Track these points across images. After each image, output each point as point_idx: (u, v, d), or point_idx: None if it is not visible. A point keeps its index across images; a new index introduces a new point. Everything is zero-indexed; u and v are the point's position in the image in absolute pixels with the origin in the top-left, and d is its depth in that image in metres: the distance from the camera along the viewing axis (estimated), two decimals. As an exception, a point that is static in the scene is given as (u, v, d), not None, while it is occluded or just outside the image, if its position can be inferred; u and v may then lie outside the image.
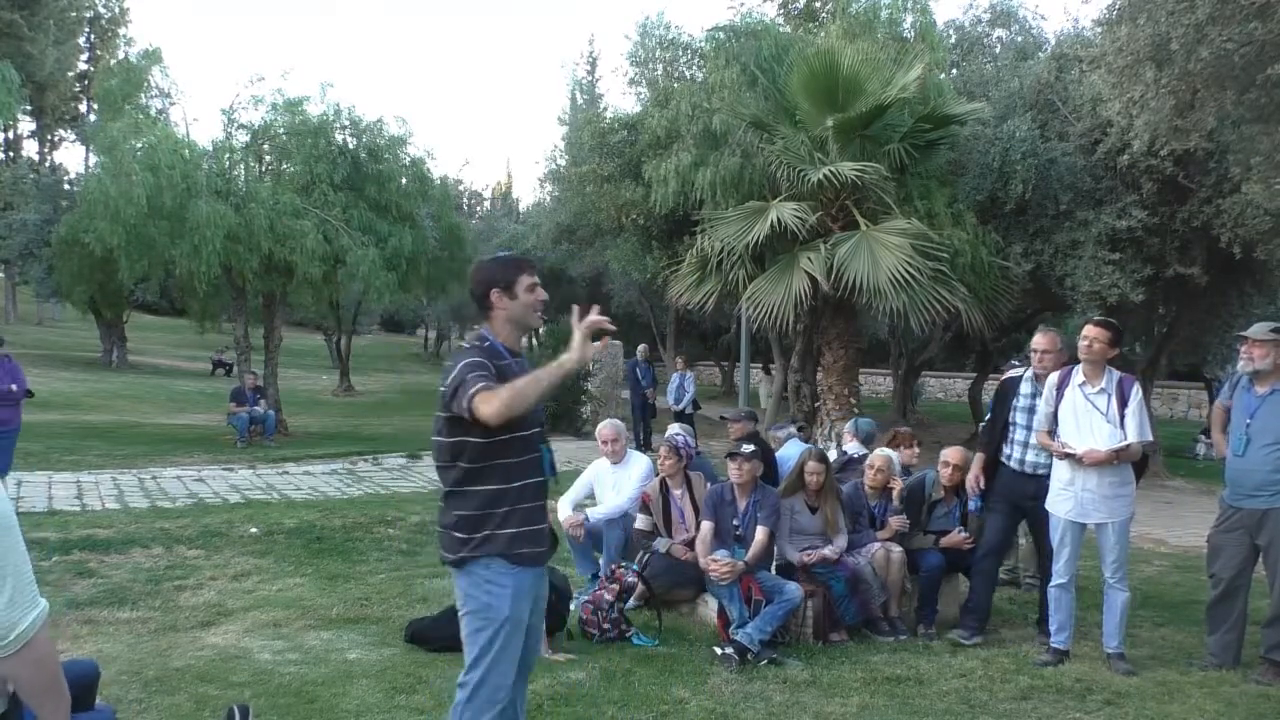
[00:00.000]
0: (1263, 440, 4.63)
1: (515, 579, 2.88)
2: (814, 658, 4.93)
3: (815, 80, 10.83)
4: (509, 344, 3.01)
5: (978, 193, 12.08)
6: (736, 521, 5.28)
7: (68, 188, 29.09)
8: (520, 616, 2.90)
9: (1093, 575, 5.59)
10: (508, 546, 2.88)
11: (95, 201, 13.71)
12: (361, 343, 37.46)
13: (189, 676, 4.44)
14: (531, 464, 2.97)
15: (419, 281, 17.78)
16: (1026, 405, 5.22)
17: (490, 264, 3.07)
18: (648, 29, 15.56)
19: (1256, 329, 4.78)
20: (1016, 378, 5.42)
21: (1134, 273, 11.53)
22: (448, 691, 4.25)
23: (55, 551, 6.87)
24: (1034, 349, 5.26)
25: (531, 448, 2.96)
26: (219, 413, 15.82)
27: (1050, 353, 5.18)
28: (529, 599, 2.95)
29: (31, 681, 1.73)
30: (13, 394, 8.23)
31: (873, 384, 27.44)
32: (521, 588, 2.90)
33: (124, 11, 50.08)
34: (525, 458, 2.94)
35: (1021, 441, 5.24)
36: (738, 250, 11.17)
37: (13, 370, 8.32)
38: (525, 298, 2.98)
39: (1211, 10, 6.57)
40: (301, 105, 15.17)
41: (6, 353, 8.46)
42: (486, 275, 3.00)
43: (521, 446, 2.92)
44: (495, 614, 2.86)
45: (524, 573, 2.91)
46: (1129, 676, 4.63)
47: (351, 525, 8.38)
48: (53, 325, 39.37)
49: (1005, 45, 16.11)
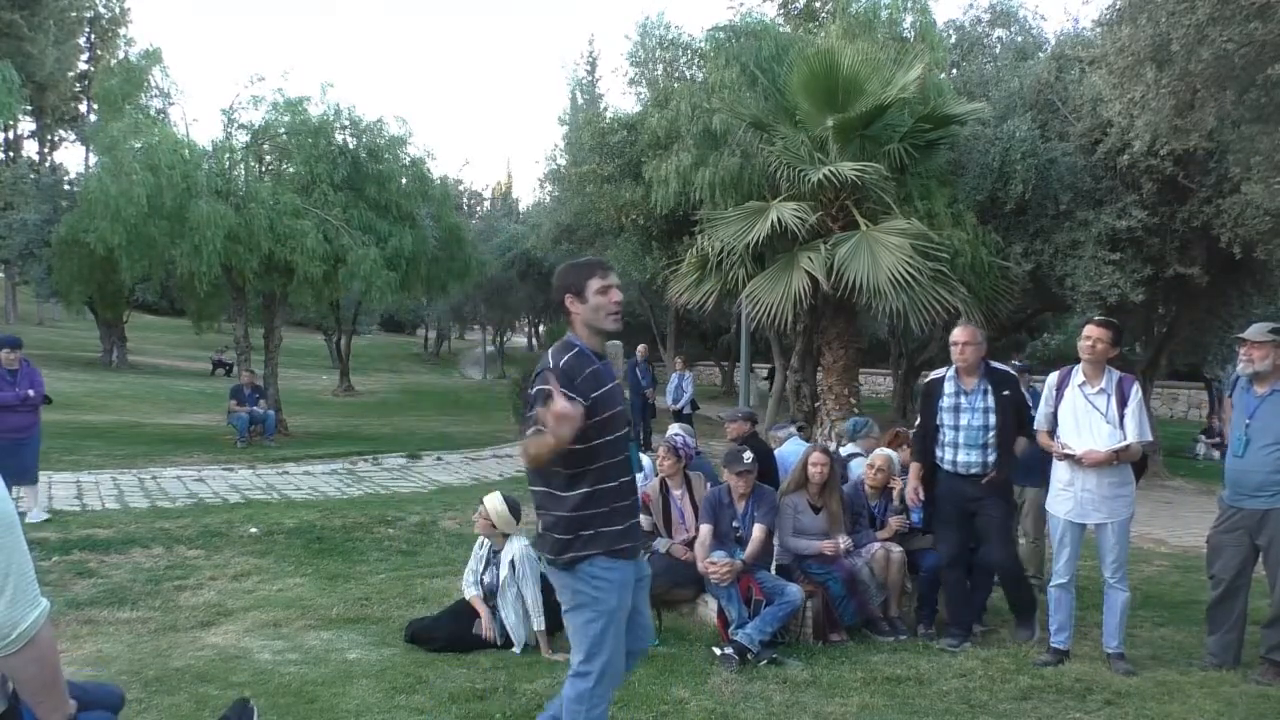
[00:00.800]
0: (1262, 440, 4.62)
1: (620, 573, 3.05)
2: (814, 658, 4.93)
3: (815, 80, 10.83)
4: (592, 346, 3.09)
5: (978, 193, 12.08)
6: (736, 523, 5.28)
7: (68, 188, 29.06)
8: (625, 605, 3.07)
9: (1093, 575, 5.59)
10: (610, 544, 3.02)
11: (96, 201, 13.70)
12: (361, 343, 37.46)
13: (189, 676, 4.44)
14: (622, 464, 3.09)
15: (419, 281, 17.76)
16: (951, 405, 5.13)
17: (564, 269, 3.19)
18: (648, 29, 15.58)
19: (1254, 330, 4.77)
20: (940, 378, 5.27)
21: (1134, 273, 11.54)
22: (448, 691, 4.26)
23: (55, 551, 6.87)
24: (953, 342, 5.14)
25: (621, 449, 3.08)
26: (219, 413, 15.81)
27: (970, 344, 5.08)
28: (630, 589, 3.11)
29: (33, 679, 1.75)
30: (30, 399, 7.99)
31: (873, 384, 27.44)
32: (625, 580, 3.07)
33: (124, 11, 50.06)
34: (617, 459, 3.06)
35: (951, 443, 5.14)
36: (737, 250, 11.17)
37: (31, 375, 8.11)
38: (595, 300, 3.04)
39: (1212, 11, 6.58)
40: (302, 105, 15.17)
41: (24, 356, 8.22)
42: (560, 280, 3.14)
43: (612, 449, 3.04)
44: (604, 606, 3.02)
45: (626, 565, 3.08)
46: (1129, 676, 4.63)
47: (351, 525, 8.38)
48: (53, 325, 39.37)
49: (1005, 45, 16.11)
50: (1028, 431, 5.12)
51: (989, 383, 5.11)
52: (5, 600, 1.65)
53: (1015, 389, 5.17)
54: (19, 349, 8.13)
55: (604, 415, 3.00)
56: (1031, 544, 6.73)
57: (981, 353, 5.16)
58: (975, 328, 5.28)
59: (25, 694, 1.77)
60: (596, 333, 3.09)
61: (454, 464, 13.50)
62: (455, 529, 8.47)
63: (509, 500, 5.20)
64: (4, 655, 1.67)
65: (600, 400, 2.98)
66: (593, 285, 3.03)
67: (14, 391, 7.90)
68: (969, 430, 5.11)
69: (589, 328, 3.08)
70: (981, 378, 5.15)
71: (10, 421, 7.86)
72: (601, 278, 3.04)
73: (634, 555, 3.16)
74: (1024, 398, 5.30)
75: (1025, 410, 5.19)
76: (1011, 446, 5.12)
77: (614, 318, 3.07)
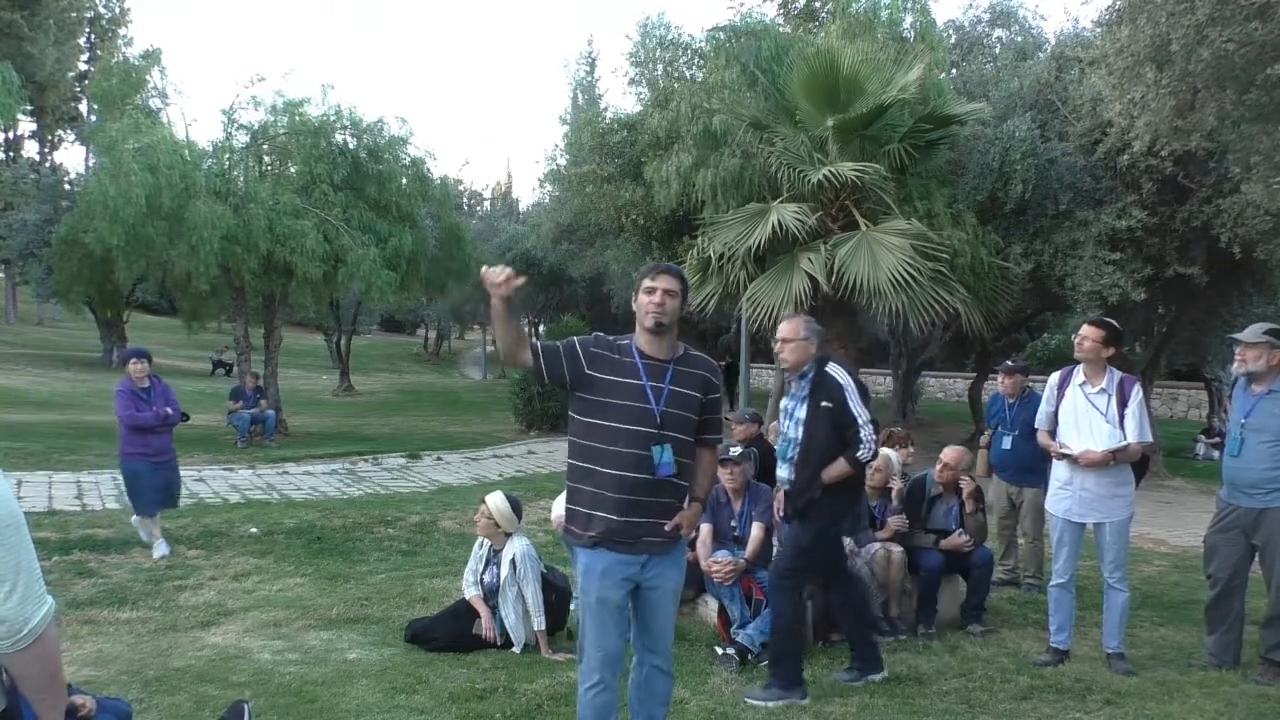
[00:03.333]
0: (1258, 439, 4.63)
1: (601, 561, 3.18)
2: (814, 658, 4.92)
3: (815, 80, 10.83)
4: (646, 347, 3.22)
5: (978, 193, 12.08)
6: (734, 523, 5.28)
7: (68, 188, 29.08)
8: (607, 596, 3.17)
9: (1093, 575, 5.59)
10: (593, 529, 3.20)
11: (94, 202, 13.70)
12: (361, 343, 37.46)
13: (189, 676, 4.44)
14: (618, 456, 3.13)
15: (419, 281, 17.78)
16: (783, 409, 4.66)
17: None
18: (648, 29, 15.56)
19: (1249, 332, 4.77)
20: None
21: (1134, 273, 11.53)
22: (448, 691, 4.26)
23: (55, 551, 6.87)
24: (776, 337, 4.48)
25: (620, 441, 3.13)
26: (219, 413, 15.82)
27: (789, 341, 4.35)
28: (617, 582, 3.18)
29: (38, 676, 1.77)
30: (170, 419, 7.17)
31: (873, 384, 27.35)
32: (608, 569, 3.17)
33: (124, 11, 50.03)
34: (612, 448, 3.13)
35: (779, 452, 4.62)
36: (738, 253, 11.18)
37: (165, 392, 7.26)
38: (641, 299, 3.21)
39: (1211, 11, 6.58)
40: (302, 106, 15.17)
41: (153, 371, 7.34)
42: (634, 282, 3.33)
43: (607, 436, 3.15)
44: (586, 596, 3.23)
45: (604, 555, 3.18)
46: (1129, 676, 4.63)
47: (351, 525, 8.38)
48: (53, 325, 39.38)
49: (1005, 45, 16.10)
50: (850, 453, 4.22)
51: (811, 387, 4.33)
52: (16, 598, 1.67)
53: (840, 400, 4.23)
54: (145, 360, 7.26)
55: (602, 399, 3.15)
56: (1031, 544, 6.75)
57: (806, 351, 4.33)
58: (802, 320, 4.43)
59: (28, 690, 1.79)
60: (646, 331, 3.22)
61: (454, 464, 13.50)
62: (455, 529, 8.47)
63: (511, 499, 5.21)
64: (13, 651, 1.70)
65: (606, 385, 3.16)
66: (642, 285, 3.23)
67: (152, 410, 7.10)
68: (782, 441, 4.48)
69: (640, 325, 3.24)
70: (806, 381, 4.37)
71: (152, 444, 7.12)
72: (650, 279, 3.22)
73: (624, 549, 3.17)
74: (850, 415, 4.22)
75: (851, 428, 4.21)
76: (821, 468, 4.26)
77: (652, 317, 3.18)
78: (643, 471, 3.13)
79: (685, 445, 3.23)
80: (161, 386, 7.28)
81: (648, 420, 3.14)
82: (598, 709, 3.19)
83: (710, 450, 3.43)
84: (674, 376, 3.21)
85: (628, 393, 3.16)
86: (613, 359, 3.19)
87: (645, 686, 3.36)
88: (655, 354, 3.21)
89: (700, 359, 3.32)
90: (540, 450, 14.90)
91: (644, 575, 3.22)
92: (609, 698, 3.20)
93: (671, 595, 3.32)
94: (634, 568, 3.20)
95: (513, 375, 22.45)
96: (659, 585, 3.26)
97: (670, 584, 3.30)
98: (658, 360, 3.21)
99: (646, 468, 3.13)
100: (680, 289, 3.22)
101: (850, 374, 4.35)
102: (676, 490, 3.24)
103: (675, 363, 3.23)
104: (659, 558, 3.23)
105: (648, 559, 3.21)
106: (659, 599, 3.28)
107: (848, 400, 4.23)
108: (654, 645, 3.34)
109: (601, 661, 3.18)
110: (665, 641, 3.36)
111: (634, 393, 3.16)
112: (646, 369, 3.18)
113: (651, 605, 3.28)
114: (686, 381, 3.23)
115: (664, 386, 3.18)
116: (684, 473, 3.24)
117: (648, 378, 3.17)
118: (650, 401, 3.16)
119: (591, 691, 3.18)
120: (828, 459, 4.25)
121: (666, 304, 3.16)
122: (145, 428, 7.03)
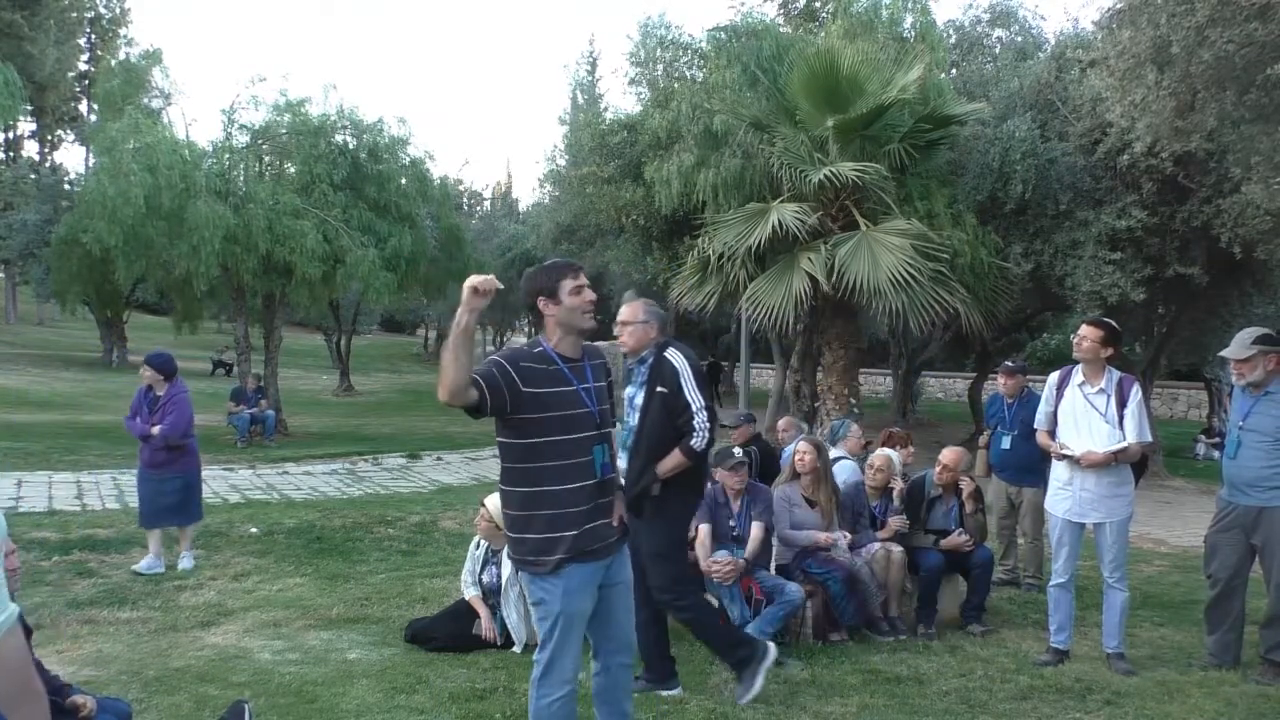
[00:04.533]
0: (1255, 441, 4.63)
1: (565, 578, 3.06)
2: (814, 658, 4.92)
3: (815, 80, 10.84)
4: (563, 350, 3.11)
5: (978, 193, 12.08)
6: (733, 523, 5.28)
7: (68, 188, 29.09)
8: (573, 609, 3.08)
9: (1092, 575, 5.59)
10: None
11: (93, 202, 13.71)
12: (361, 343, 37.45)
13: (189, 676, 4.44)
14: (576, 468, 3.06)
15: (418, 282, 17.78)
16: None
17: (535, 272, 3.20)
18: (648, 29, 15.58)
19: (1235, 347, 4.72)
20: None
21: (1134, 273, 11.53)
22: (447, 691, 4.26)
23: (55, 551, 6.87)
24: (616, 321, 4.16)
25: (573, 452, 3.05)
26: (219, 413, 15.82)
27: (628, 324, 4.05)
28: (586, 594, 3.11)
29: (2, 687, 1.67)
30: (153, 440, 6.56)
31: (873, 384, 27.42)
32: (571, 587, 3.06)
33: (124, 12, 50.01)
34: (568, 462, 3.04)
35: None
36: (738, 252, 11.18)
37: (169, 406, 6.58)
38: (569, 301, 3.08)
39: (1212, 12, 6.57)
40: (302, 106, 15.18)
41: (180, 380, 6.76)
42: (531, 284, 3.16)
43: (558, 450, 3.03)
44: (550, 609, 3.08)
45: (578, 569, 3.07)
46: (1129, 676, 4.63)
47: (351, 525, 8.38)
48: (53, 325, 39.36)
49: (1005, 45, 16.12)
50: (685, 442, 3.92)
51: (649, 373, 4.03)
52: None
53: (675, 385, 3.92)
54: (159, 369, 6.67)
55: (540, 416, 3.01)
56: (1030, 544, 6.75)
57: (646, 335, 4.04)
58: (642, 303, 4.14)
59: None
60: (572, 332, 3.14)
61: (454, 464, 13.50)
62: (455, 529, 8.47)
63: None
64: None
65: (545, 399, 3.01)
66: (566, 286, 3.09)
67: (140, 424, 6.63)
68: (624, 430, 4.10)
69: (564, 328, 3.12)
70: (645, 367, 4.07)
71: (144, 453, 6.68)
72: (574, 278, 3.10)
73: (591, 558, 3.10)
74: (684, 400, 3.92)
75: (684, 414, 3.90)
76: (656, 458, 3.94)
77: (589, 317, 3.12)
78: (591, 477, 3.10)
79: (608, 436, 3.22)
80: (172, 399, 6.62)
81: (589, 424, 3.10)
82: (566, 717, 3.14)
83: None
84: (591, 373, 3.17)
85: (564, 401, 3.06)
86: (540, 369, 3.04)
87: (613, 684, 3.34)
88: (572, 354, 3.14)
89: (594, 348, 3.26)
90: (540, 450, 14.87)
91: (607, 576, 3.22)
92: (574, 703, 3.19)
93: (625, 588, 3.29)
94: (600, 572, 3.18)
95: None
96: (618, 581, 3.26)
97: (626, 577, 3.30)
98: (575, 360, 3.14)
99: (593, 472, 3.10)
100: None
101: (691, 359, 4.05)
102: (612, 484, 3.23)
103: (586, 359, 3.18)
104: (614, 556, 3.23)
105: (610, 559, 3.21)
106: (619, 595, 3.27)
107: (682, 385, 3.93)
108: (619, 641, 3.31)
109: (573, 671, 3.15)
110: (629, 635, 3.35)
111: (570, 399, 3.08)
112: (572, 372, 3.11)
113: (611, 603, 3.25)
114: (597, 374, 3.20)
115: (590, 385, 3.15)
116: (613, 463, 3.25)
117: (576, 380, 3.11)
118: (587, 404, 3.11)
119: (559, 701, 3.10)
120: (663, 449, 3.93)
121: (593, 302, 3.13)
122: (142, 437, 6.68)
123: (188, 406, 6.71)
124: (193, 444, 6.86)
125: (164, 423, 6.54)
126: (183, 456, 6.72)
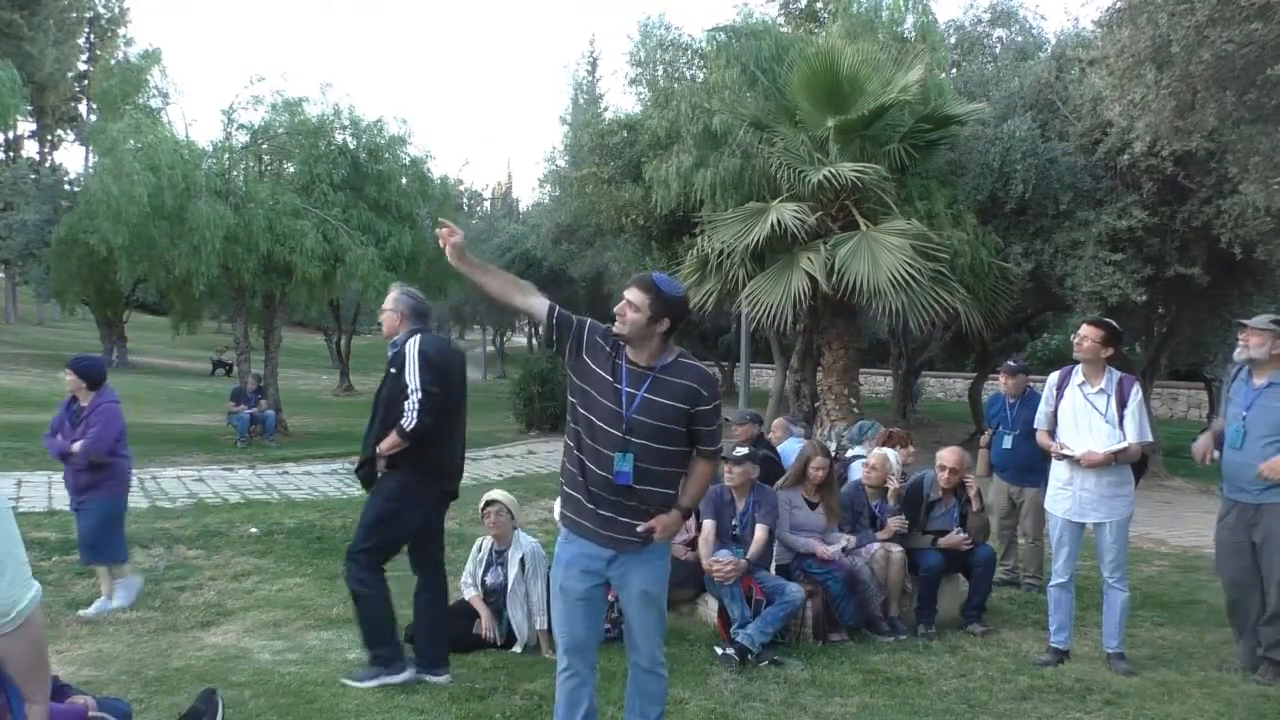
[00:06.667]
0: (1259, 433, 4.61)
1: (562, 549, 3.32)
2: (814, 658, 4.93)
3: (815, 80, 10.83)
4: (629, 349, 3.20)
5: (978, 193, 12.07)
6: (735, 522, 5.28)
7: (68, 188, 29.09)
8: (566, 583, 3.25)
9: (1093, 575, 5.59)
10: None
11: (98, 202, 13.70)
12: (361, 342, 37.43)
13: (189, 676, 4.44)
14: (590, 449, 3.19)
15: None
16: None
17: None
18: (648, 29, 15.54)
19: (1258, 319, 4.78)
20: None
21: (1134, 273, 11.52)
22: (448, 691, 4.26)
23: (55, 551, 6.86)
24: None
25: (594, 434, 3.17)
26: (219, 413, 15.83)
27: (384, 310, 4.40)
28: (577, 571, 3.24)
29: (24, 659, 1.83)
30: (73, 459, 5.48)
31: (873, 384, 27.40)
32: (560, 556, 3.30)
33: (124, 11, 50.01)
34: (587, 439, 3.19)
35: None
36: (737, 251, 11.18)
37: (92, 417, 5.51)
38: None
39: (1212, 12, 6.58)
40: (301, 106, 15.18)
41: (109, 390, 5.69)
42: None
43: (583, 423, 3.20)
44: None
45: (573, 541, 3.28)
46: (1129, 676, 4.63)
47: (351, 525, 8.31)
48: (53, 325, 39.34)
49: (1005, 45, 16.10)
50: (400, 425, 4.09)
51: (390, 356, 4.31)
52: (5, 581, 1.73)
53: (401, 367, 4.14)
54: (83, 375, 5.62)
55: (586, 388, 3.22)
56: (1031, 544, 6.75)
57: (394, 322, 4.30)
58: (399, 291, 4.42)
59: (16, 674, 1.84)
60: (631, 342, 3.20)
61: (454, 464, 13.47)
62: (455, 529, 8.43)
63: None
64: (2, 635, 1.76)
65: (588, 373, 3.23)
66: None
67: (55, 441, 5.59)
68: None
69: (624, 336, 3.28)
70: (392, 350, 4.31)
71: (69, 479, 5.65)
72: (626, 290, 3.21)
73: (591, 541, 3.21)
74: (403, 382, 4.12)
75: (404, 394, 4.09)
76: (379, 439, 4.19)
77: (617, 325, 3.19)
78: (608, 472, 3.14)
79: (664, 455, 3.16)
80: (96, 410, 5.53)
81: (616, 423, 3.13)
82: (567, 693, 3.26)
83: (705, 461, 3.32)
84: (653, 385, 3.14)
85: (605, 390, 3.15)
86: (605, 353, 3.19)
87: (634, 685, 3.38)
88: (637, 360, 3.18)
89: (690, 368, 3.21)
90: (540, 450, 14.90)
91: (610, 572, 3.22)
92: (578, 684, 3.24)
93: (638, 596, 3.24)
94: (599, 562, 3.21)
95: (512, 375, 22.46)
96: (625, 585, 3.25)
97: (636, 585, 3.23)
98: (639, 366, 3.17)
99: (611, 469, 3.14)
100: (646, 301, 3.09)
101: (432, 352, 4.19)
102: (649, 497, 3.17)
103: (660, 371, 3.16)
104: (627, 557, 3.20)
105: (614, 556, 3.20)
106: (626, 599, 3.28)
107: (406, 367, 4.13)
108: (633, 643, 3.35)
109: (566, 648, 3.27)
110: (644, 640, 3.31)
111: (610, 392, 3.15)
112: (628, 373, 3.15)
113: (629, 608, 3.30)
114: (667, 391, 3.14)
115: (639, 394, 3.13)
116: (664, 482, 3.20)
117: (626, 382, 3.14)
118: (621, 405, 3.13)
119: (562, 676, 3.27)
120: (387, 428, 4.17)
121: (626, 315, 3.11)
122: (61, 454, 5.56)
123: (117, 419, 5.59)
124: (121, 466, 5.70)
125: (86, 436, 5.44)
126: (107, 480, 5.59)
